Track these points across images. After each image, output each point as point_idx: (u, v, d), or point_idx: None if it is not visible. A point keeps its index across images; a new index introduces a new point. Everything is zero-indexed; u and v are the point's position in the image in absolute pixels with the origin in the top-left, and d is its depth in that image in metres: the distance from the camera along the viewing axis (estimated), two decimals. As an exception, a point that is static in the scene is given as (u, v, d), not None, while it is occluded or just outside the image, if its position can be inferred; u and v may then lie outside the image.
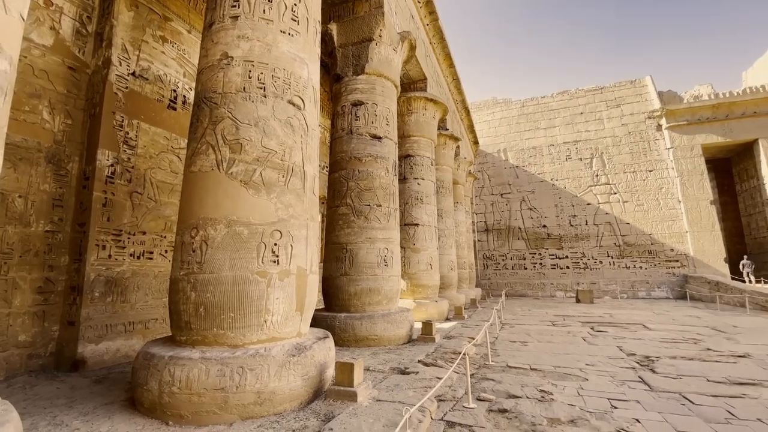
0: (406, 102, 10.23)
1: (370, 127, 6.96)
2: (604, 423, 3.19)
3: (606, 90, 21.16)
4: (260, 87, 3.82)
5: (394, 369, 4.61)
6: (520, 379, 4.52)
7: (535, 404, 3.61)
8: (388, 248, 6.60)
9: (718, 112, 18.22)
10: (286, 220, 3.63)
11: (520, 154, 22.08)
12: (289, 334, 3.59)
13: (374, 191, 6.64)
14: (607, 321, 10.02)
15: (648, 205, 18.89)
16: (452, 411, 3.42)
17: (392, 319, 6.20)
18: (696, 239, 17.66)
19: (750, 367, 5.17)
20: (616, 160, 19.92)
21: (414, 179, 9.96)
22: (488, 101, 24.02)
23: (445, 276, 12.01)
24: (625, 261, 18.81)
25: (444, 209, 12.88)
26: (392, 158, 7.15)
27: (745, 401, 3.82)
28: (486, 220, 22.07)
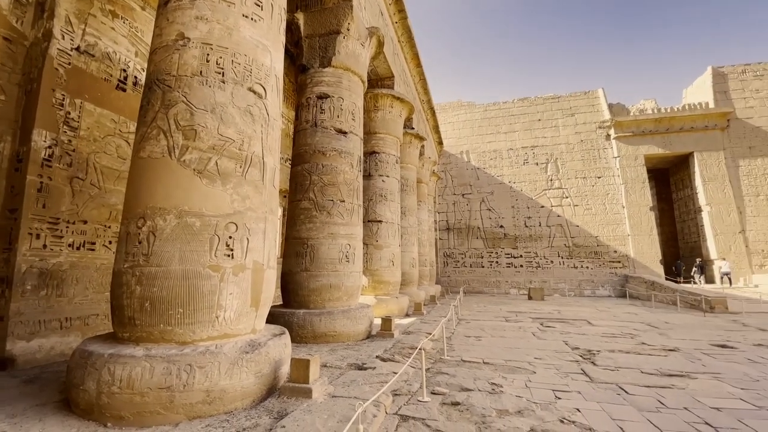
0: (372, 98, 10.21)
1: (335, 121, 6.87)
2: (548, 413, 3.38)
3: (562, 99, 22.32)
4: (219, 72, 3.64)
5: (352, 365, 4.61)
6: (473, 372, 4.68)
7: (486, 397, 3.75)
8: (351, 244, 6.56)
9: (660, 125, 19.81)
10: (242, 212, 3.50)
11: (481, 156, 22.78)
12: (242, 331, 3.48)
13: (338, 186, 6.57)
14: (556, 317, 10.62)
15: (596, 209, 20.20)
16: (407, 405, 3.47)
17: (352, 315, 6.19)
18: (636, 242, 19.14)
19: (679, 360, 5.68)
20: (568, 166, 21.10)
21: (379, 176, 9.98)
22: (453, 103, 24.53)
23: (406, 273, 12.17)
24: (574, 261, 20.02)
25: (407, 207, 13.02)
26: (357, 154, 7.11)
27: (673, 391, 4.19)
28: (448, 219, 22.58)
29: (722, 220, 18.17)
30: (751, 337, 7.65)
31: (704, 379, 4.64)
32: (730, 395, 4.04)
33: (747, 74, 19.54)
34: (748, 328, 8.83)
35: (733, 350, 6.36)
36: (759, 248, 17.61)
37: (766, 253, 17.52)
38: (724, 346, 6.74)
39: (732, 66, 19.87)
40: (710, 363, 5.48)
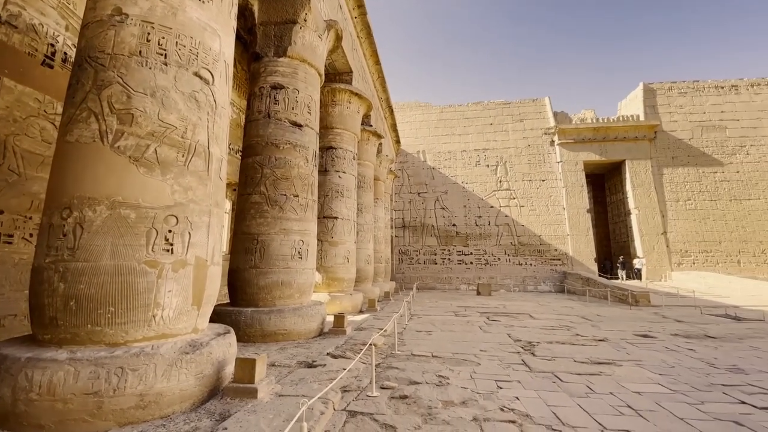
0: (330, 93, 10.06)
1: (290, 113, 6.68)
2: (490, 402, 3.56)
3: (512, 105, 23.46)
4: (161, 53, 3.39)
5: (301, 363, 4.53)
6: (422, 366, 4.80)
7: (433, 389, 3.87)
8: (304, 240, 6.43)
9: (598, 134, 21.49)
10: (184, 204, 3.29)
11: (437, 156, 23.34)
12: (182, 330, 3.29)
13: (291, 181, 6.40)
14: (501, 311, 11.18)
15: (539, 210, 21.51)
16: (356, 401, 3.48)
17: (304, 313, 6.08)
18: (574, 241, 20.65)
19: (607, 349, 6.21)
20: (516, 169, 22.25)
21: (335, 172, 9.87)
22: (411, 103, 24.87)
23: (361, 269, 12.17)
24: (519, 258, 21.20)
25: (364, 204, 13.01)
26: (313, 148, 6.97)
27: (601, 378, 4.58)
28: (404, 217, 22.91)
29: (647, 222, 20.14)
30: (669, 327, 8.55)
31: (628, 366, 5.12)
32: (650, 380, 4.49)
33: (673, 91, 21.76)
34: (666, 319, 9.87)
35: (654, 340, 7.08)
36: (677, 248, 19.74)
37: (684, 252, 19.68)
38: (645, 336, 7.48)
39: (660, 83, 22.02)
40: (634, 351, 6.06)
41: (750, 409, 3.53)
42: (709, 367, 5.07)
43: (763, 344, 6.60)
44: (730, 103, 21.13)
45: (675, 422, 3.24)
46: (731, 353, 5.92)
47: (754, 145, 20.38)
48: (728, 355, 5.82)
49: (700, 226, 19.82)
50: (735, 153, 20.42)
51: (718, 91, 21.43)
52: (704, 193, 20.14)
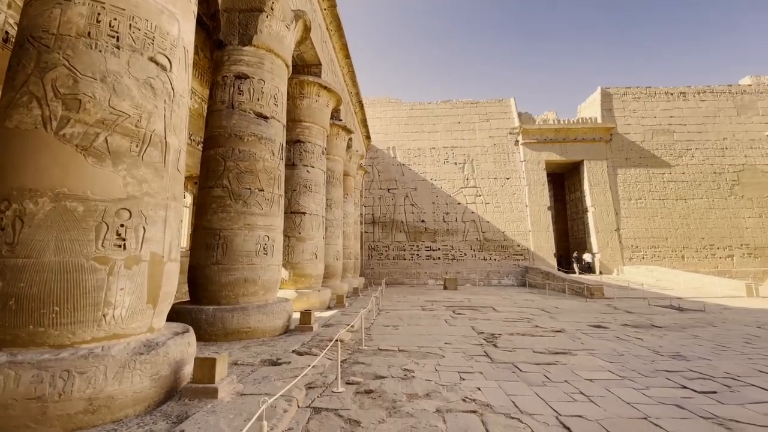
0: (298, 85, 9.85)
1: (255, 104, 6.48)
2: (453, 393, 3.65)
3: (480, 104, 24.02)
4: (112, 36, 3.18)
5: (265, 361, 4.44)
6: (388, 360, 4.84)
7: (398, 382, 3.91)
8: (269, 236, 6.28)
9: (559, 135, 22.45)
10: (138, 197, 3.12)
11: (407, 153, 23.50)
12: (136, 330, 3.12)
13: (256, 174, 6.22)
14: (466, 305, 11.49)
15: (504, 207, 22.23)
16: (321, 397, 3.46)
17: (269, 310, 5.95)
18: (536, 237, 21.53)
19: (564, 340, 6.54)
20: (483, 167, 22.85)
21: (303, 166, 9.69)
22: (381, 99, 24.84)
23: (330, 265, 12.07)
24: (484, 254, 21.84)
25: (333, 200, 12.89)
26: (279, 141, 6.80)
27: (557, 367, 4.81)
28: (374, 213, 22.92)
29: (602, 219, 21.33)
30: (620, 318, 9.12)
31: (582, 355, 5.41)
32: (601, 368, 4.77)
33: (628, 96, 23.08)
34: (618, 311, 10.52)
35: (606, 330, 7.53)
36: (629, 244, 21.06)
37: (634, 248, 21.03)
38: (599, 326, 7.94)
39: (617, 88, 23.29)
40: (588, 341, 6.41)
41: (690, 393, 3.84)
42: (654, 355, 5.46)
43: (703, 333, 7.19)
44: (678, 108, 22.72)
45: (623, 407, 3.47)
46: (675, 341, 6.40)
47: (698, 149, 22.05)
48: (672, 343, 6.29)
49: (649, 224, 21.25)
50: (681, 156, 22.01)
51: (667, 97, 22.97)
52: (653, 193, 21.59)
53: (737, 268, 20.13)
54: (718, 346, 5.98)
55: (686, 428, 3.00)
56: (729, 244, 20.74)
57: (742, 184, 21.43)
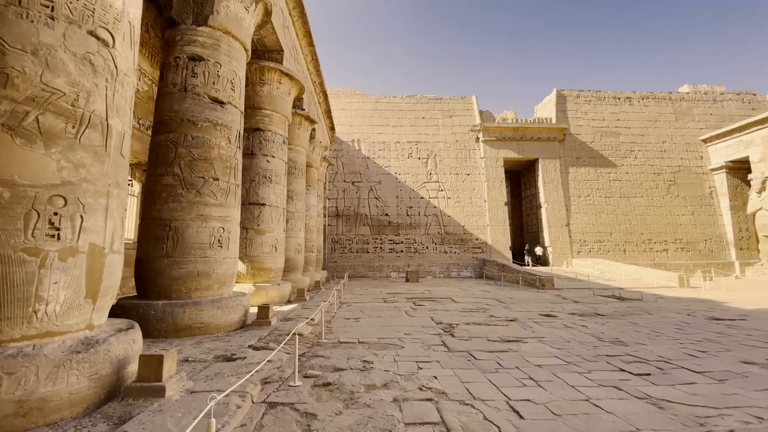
0: (258, 71, 9.47)
1: (210, 89, 6.15)
2: (410, 383, 3.72)
3: (443, 101, 24.40)
4: (46, 5, 2.87)
5: (219, 357, 4.28)
6: (348, 352, 4.84)
7: (357, 374, 3.93)
8: (225, 228, 6.03)
9: (517, 134, 23.35)
10: (74, 183, 2.86)
11: (371, 146, 23.43)
12: (73, 327, 2.89)
13: (211, 162, 5.92)
14: (426, 297, 11.74)
15: (464, 202, 22.87)
16: (277, 392, 3.40)
17: (224, 304, 5.73)
18: (493, 231, 22.38)
19: (516, 328, 6.86)
20: (445, 162, 23.31)
21: (263, 156, 9.36)
22: (346, 90, 24.53)
23: (291, 259, 11.83)
24: (445, 247, 22.39)
25: (295, 191, 12.60)
26: (236, 128, 6.51)
27: (509, 354, 5.04)
28: (337, 206, 22.70)
29: (554, 215, 22.54)
30: (567, 307, 9.71)
31: (532, 343, 5.71)
32: (549, 354, 5.06)
33: (580, 98, 24.41)
34: (566, 300, 11.20)
35: (555, 318, 7.99)
36: (578, 238, 22.44)
37: (582, 242, 22.43)
38: (548, 315, 8.40)
39: (571, 90, 24.54)
40: (538, 329, 6.77)
41: (628, 376, 4.16)
42: (597, 341, 5.87)
43: (640, 320, 7.82)
44: (624, 112, 24.37)
45: (567, 390, 3.70)
46: (615, 328, 6.92)
47: (641, 151, 23.81)
48: (613, 330, 6.79)
49: (596, 219, 22.74)
50: (626, 156, 23.67)
51: (615, 101, 24.55)
52: (600, 191, 23.10)
53: (671, 261, 22.08)
54: (653, 332, 6.53)
55: (622, 408, 3.25)
56: (665, 239, 22.69)
57: (678, 184, 23.46)
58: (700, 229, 22.91)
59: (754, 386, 3.75)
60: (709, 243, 22.76)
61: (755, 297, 11.79)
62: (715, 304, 10.07)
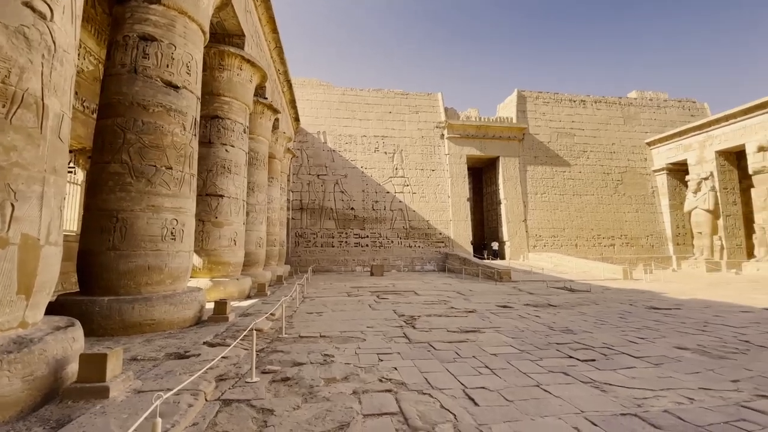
0: (218, 55, 9.03)
1: (164, 71, 5.78)
2: (371, 375, 3.75)
3: (410, 96, 24.55)
4: (-33, -33, 2.56)
5: (171, 354, 4.08)
6: (309, 347, 4.80)
7: (317, 368, 3.90)
8: (178, 219, 5.72)
9: (479, 132, 23.99)
10: (4, 168, 2.59)
11: (338, 139, 23.16)
12: (4, 325, 2.64)
13: (163, 150, 5.58)
14: (390, 290, 11.86)
15: (429, 197, 23.25)
16: (233, 388, 3.30)
17: (177, 300, 5.46)
18: (456, 226, 22.96)
19: (475, 319, 7.09)
20: (411, 158, 23.53)
21: (222, 145, 8.97)
22: (312, 81, 24.02)
23: (252, 253, 11.48)
24: (409, 241, 22.70)
25: (257, 183, 12.20)
26: (192, 114, 6.18)
27: (467, 344, 5.21)
28: (302, 199, 22.28)
29: (513, 211, 23.48)
30: (523, 299, 10.17)
31: (489, 333, 5.93)
32: (505, 343, 5.28)
33: (539, 100, 25.45)
34: (522, 292, 11.73)
35: (511, 309, 8.34)
36: (534, 233, 23.52)
37: (538, 237, 23.55)
38: (505, 306, 8.77)
39: (531, 91, 25.53)
40: (495, 320, 7.05)
41: (575, 362, 4.43)
42: (548, 330, 6.20)
43: (588, 310, 8.34)
44: (578, 114, 25.72)
45: (520, 376, 3.89)
46: (565, 318, 7.34)
47: (593, 151, 25.27)
48: (563, 319, 7.20)
49: (550, 216, 23.94)
50: (579, 156, 25.04)
51: (571, 103, 25.85)
52: (555, 188, 24.32)
53: (617, 255, 23.73)
54: (599, 321, 6.99)
55: (569, 392, 3.47)
56: (612, 234, 24.32)
57: (624, 184, 25.17)
58: (642, 226, 24.77)
59: (686, 369, 4.13)
60: (651, 238, 24.68)
61: (689, 288, 12.95)
62: (654, 295, 10.96)
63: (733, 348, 4.97)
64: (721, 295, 10.85)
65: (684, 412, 3.00)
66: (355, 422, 2.73)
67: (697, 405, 3.14)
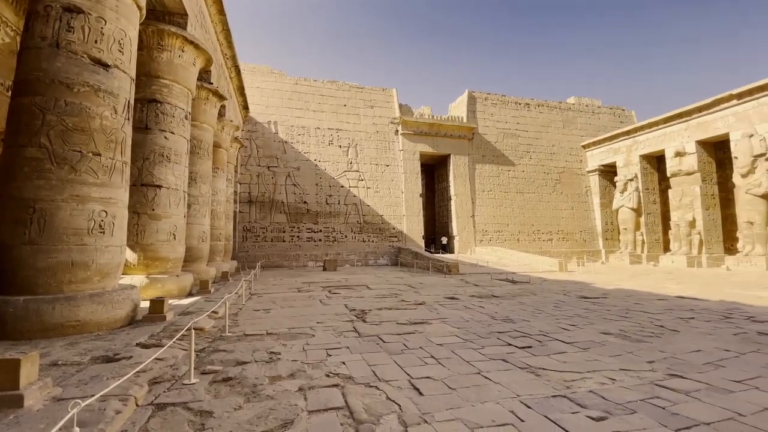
0: (156, 34, 8.33)
1: (92, 47, 5.22)
2: (318, 371, 3.72)
3: (365, 90, 24.45)
4: None
5: (98, 358, 3.75)
6: (254, 345, 4.64)
7: (262, 366, 3.79)
8: (108, 211, 5.23)
9: (432, 129, 24.53)
10: None
11: (290, 130, 22.47)
12: None
13: (90, 134, 5.06)
14: (343, 285, 11.81)
15: (383, 192, 23.41)
16: (168, 392, 3.10)
17: (106, 299, 5.01)
18: (409, 221, 23.37)
19: (423, 311, 7.28)
20: (366, 152, 23.50)
21: (161, 131, 8.32)
22: (263, 68, 23.05)
23: (194, 248, 10.84)
24: (363, 236, 22.73)
25: (200, 173, 11.50)
26: (125, 97, 5.66)
27: (415, 336, 5.34)
28: (251, 192, 21.37)
29: (462, 207, 24.38)
30: (469, 290, 10.61)
31: (436, 324, 6.13)
32: (450, 333, 5.48)
33: (488, 101, 26.53)
34: (468, 284, 12.23)
35: (457, 300, 8.67)
36: (481, 228, 24.61)
37: (484, 232, 24.67)
38: (452, 298, 9.10)
39: (480, 92, 26.52)
40: (442, 311, 7.29)
41: (513, 349, 4.71)
42: (491, 320, 6.54)
43: (527, 300, 8.90)
44: (523, 117, 27.19)
45: (463, 365, 4.06)
46: (507, 308, 7.77)
47: (535, 152, 26.89)
48: (505, 309, 7.63)
49: (496, 212, 25.19)
50: (523, 156, 26.52)
51: (516, 106, 27.25)
52: (501, 186, 25.59)
53: (554, 249, 25.54)
54: (536, 310, 7.49)
55: (507, 377, 3.68)
56: (550, 230, 26.13)
57: (562, 183, 27.10)
58: (577, 222, 26.88)
59: (609, 353, 4.55)
60: (584, 234, 26.86)
61: (614, 279, 14.29)
62: (585, 285, 11.95)
63: (650, 332, 5.57)
64: (642, 284, 12.11)
65: (607, 391, 3.31)
66: (299, 419, 2.69)
67: (618, 385, 3.48)
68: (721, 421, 2.71)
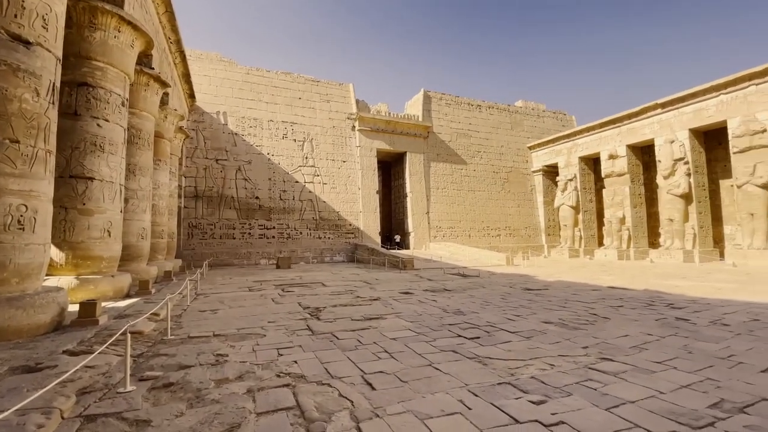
0: (88, 11, 7.55)
1: (10, 22, 4.62)
2: (268, 371, 3.61)
3: (321, 84, 24.01)
4: None
5: (17, 368, 3.35)
6: (199, 347, 4.40)
7: (207, 370, 3.60)
8: (28, 205, 4.68)
9: (389, 127, 24.69)
10: None
11: (241, 122, 21.50)
12: None
13: (8, 119, 4.48)
14: (297, 282, 11.57)
15: (340, 188, 23.20)
16: (99, 402, 2.85)
17: (27, 303, 4.49)
18: (365, 218, 23.39)
19: (378, 306, 7.33)
20: (322, 147, 23.12)
21: (93, 118, 7.57)
22: (212, 55, 21.83)
23: (132, 246, 10.04)
24: (319, 232, 22.40)
25: (140, 165, 10.66)
26: (50, 78, 5.08)
27: (369, 331, 5.36)
28: (197, 186, 20.18)
29: (418, 204, 24.84)
30: (423, 285, 10.85)
31: (391, 319, 6.20)
32: (404, 328, 5.57)
33: (443, 101, 27.17)
34: (422, 279, 12.51)
35: (412, 295, 8.84)
36: (435, 225, 25.25)
37: (438, 228, 25.35)
38: (407, 292, 9.25)
39: (436, 92, 27.10)
40: (397, 306, 7.39)
41: (463, 340, 4.89)
42: (443, 312, 6.73)
43: (477, 293, 9.27)
44: (475, 117, 28.21)
45: (415, 357, 4.14)
46: (458, 301, 8.04)
47: (486, 152, 28.02)
48: (456, 302, 7.89)
49: (449, 209, 25.97)
50: (474, 156, 27.54)
51: (469, 107, 28.20)
52: (454, 184, 26.41)
53: (502, 244, 26.85)
54: (485, 303, 7.83)
55: (456, 368, 3.81)
56: (499, 226, 27.43)
57: (510, 182, 28.52)
58: (523, 219, 28.47)
59: (549, 340, 4.87)
60: (529, 230, 28.51)
61: (555, 271, 15.33)
62: (529, 278, 12.70)
63: (585, 320, 6.04)
64: (579, 276, 13.10)
65: (546, 376, 3.54)
66: (247, 422, 2.59)
67: (557, 370, 3.74)
68: (645, 399, 3.00)
